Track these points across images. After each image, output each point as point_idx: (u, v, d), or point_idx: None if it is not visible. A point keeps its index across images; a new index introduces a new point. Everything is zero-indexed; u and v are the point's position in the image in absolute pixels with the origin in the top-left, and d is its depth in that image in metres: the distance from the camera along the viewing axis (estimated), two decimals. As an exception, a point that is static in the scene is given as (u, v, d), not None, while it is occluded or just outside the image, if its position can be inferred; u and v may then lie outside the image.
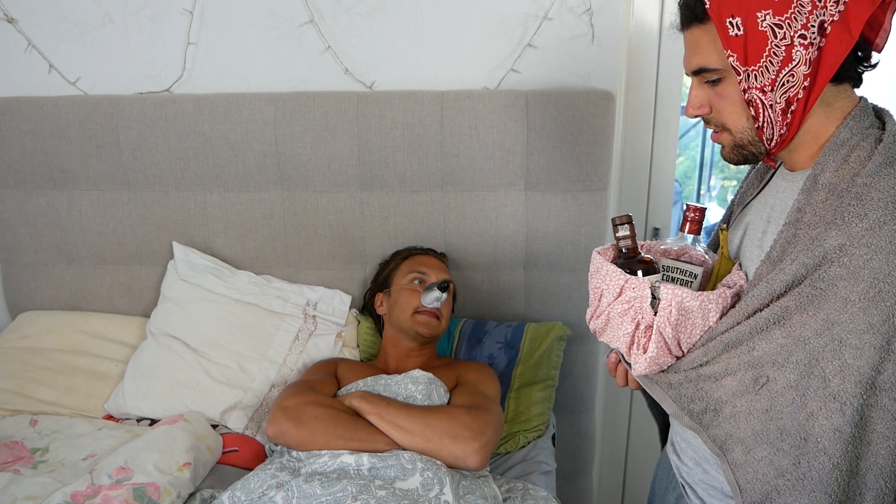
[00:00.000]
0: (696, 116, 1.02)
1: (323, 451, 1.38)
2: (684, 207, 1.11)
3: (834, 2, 0.89)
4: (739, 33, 0.93)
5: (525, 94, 1.77)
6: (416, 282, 1.71)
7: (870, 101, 1.01)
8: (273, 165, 1.86)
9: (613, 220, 1.08)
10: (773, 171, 1.12)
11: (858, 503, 0.94)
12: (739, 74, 0.95)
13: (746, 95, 0.96)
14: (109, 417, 1.81)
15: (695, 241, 1.10)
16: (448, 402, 1.53)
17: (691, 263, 1.08)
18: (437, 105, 1.78)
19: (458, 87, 1.84)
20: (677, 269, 1.08)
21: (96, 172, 1.92)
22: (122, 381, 1.81)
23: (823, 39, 0.90)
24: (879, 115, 0.99)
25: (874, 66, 0.98)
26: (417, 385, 1.52)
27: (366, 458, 1.33)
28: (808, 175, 0.97)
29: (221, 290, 1.87)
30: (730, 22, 0.93)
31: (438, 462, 1.35)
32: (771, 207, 1.06)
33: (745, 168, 1.20)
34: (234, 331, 1.82)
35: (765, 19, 0.91)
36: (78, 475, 1.50)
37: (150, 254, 1.98)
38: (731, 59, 0.94)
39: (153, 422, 1.75)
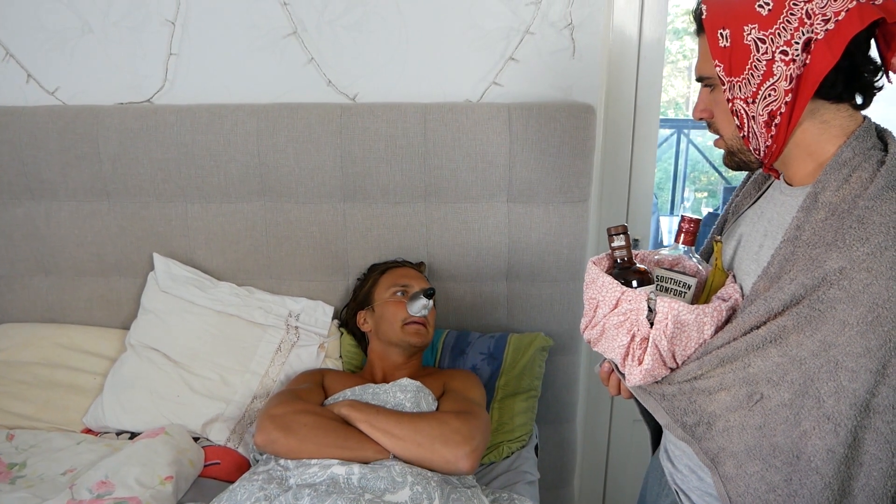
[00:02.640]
0: (700, 119, 1.08)
1: (312, 461, 1.37)
2: (680, 218, 1.12)
3: (822, 20, 0.89)
4: (727, 45, 0.96)
5: (507, 107, 1.79)
6: (399, 293, 1.71)
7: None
8: (255, 177, 1.86)
9: (609, 229, 1.09)
10: (769, 181, 1.13)
11: None
12: (724, 84, 0.98)
13: (730, 105, 0.98)
14: (88, 431, 1.78)
15: (689, 251, 1.11)
16: (436, 410, 1.53)
17: (685, 274, 1.09)
18: (420, 117, 1.80)
19: (441, 99, 1.86)
20: (671, 279, 1.08)
21: (75, 183, 1.90)
22: (101, 394, 1.79)
23: (808, 57, 0.91)
24: (882, 136, 0.99)
25: (879, 87, 0.97)
26: (406, 393, 1.52)
27: (357, 469, 1.32)
28: (809, 192, 0.97)
29: (203, 301, 1.85)
30: (720, 33, 0.96)
31: (429, 475, 1.35)
32: (768, 221, 1.06)
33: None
34: (216, 342, 1.81)
35: (750, 33, 0.93)
36: (57, 490, 1.48)
37: (130, 265, 1.96)
38: (717, 68, 0.97)
39: (133, 435, 1.73)
